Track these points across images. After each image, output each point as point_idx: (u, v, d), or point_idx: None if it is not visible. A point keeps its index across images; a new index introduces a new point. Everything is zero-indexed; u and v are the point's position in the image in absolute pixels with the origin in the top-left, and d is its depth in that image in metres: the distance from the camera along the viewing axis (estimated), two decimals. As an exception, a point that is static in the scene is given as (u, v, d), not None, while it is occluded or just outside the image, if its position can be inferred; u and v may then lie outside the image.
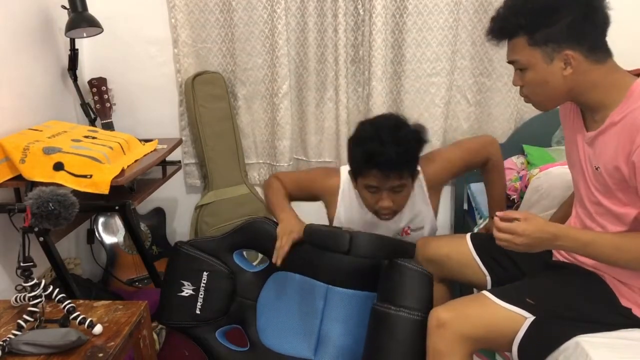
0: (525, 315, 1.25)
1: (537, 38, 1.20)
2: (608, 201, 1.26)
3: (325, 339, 1.58)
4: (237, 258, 1.72)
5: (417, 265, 1.44)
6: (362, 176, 1.56)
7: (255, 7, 2.26)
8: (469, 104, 2.37)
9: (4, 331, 1.32)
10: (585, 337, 1.21)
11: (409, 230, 1.76)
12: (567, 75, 1.20)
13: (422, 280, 1.43)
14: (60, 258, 1.65)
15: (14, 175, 1.66)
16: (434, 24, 2.23)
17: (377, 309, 1.41)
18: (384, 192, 1.55)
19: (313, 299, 1.58)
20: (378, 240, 1.48)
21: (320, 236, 1.52)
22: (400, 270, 1.44)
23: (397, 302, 1.39)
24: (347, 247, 1.42)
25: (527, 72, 1.24)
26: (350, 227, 1.66)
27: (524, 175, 2.04)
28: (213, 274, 1.68)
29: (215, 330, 1.70)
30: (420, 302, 1.39)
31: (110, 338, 1.30)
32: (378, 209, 1.59)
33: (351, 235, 1.43)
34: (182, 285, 1.69)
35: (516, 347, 1.25)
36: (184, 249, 1.73)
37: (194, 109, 2.35)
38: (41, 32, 2.04)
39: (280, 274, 1.65)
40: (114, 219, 2.30)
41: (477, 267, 1.54)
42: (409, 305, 1.37)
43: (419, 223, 1.75)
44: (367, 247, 1.45)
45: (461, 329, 1.25)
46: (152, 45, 2.36)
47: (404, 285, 1.42)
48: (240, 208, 2.43)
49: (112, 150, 1.76)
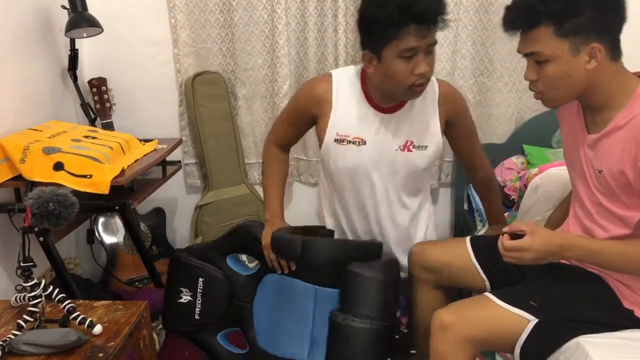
0: (529, 318, 1.25)
1: (566, 28, 1.14)
2: (611, 204, 1.25)
3: (318, 341, 1.55)
4: (230, 262, 1.72)
5: (369, 271, 1.41)
6: (396, 39, 1.37)
7: (255, 7, 2.26)
8: (469, 104, 2.36)
9: (4, 331, 1.32)
10: (586, 337, 1.21)
11: (412, 147, 1.61)
12: (590, 69, 1.16)
13: (373, 286, 1.41)
14: (60, 258, 1.65)
15: (14, 175, 1.66)
16: (434, 24, 2.23)
17: (331, 319, 1.43)
18: (420, 54, 1.39)
19: (304, 300, 1.57)
20: (334, 244, 1.46)
21: (277, 244, 1.53)
22: (352, 278, 1.43)
23: (347, 311, 1.40)
24: (299, 253, 1.42)
25: (548, 65, 1.19)
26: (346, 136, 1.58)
27: (523, 175, 2.04)
28: (208, 279, 1.70)
29: (217, 334, 1.72)
30: (370, 309, 1.39)
31: (110, 338, 1.30)
32: (415, 79, 1.43)
33: (303, 241, 1.42)
34: (181, 292, 1.72)
35: (519, 349, 1.25)
36: (180, 256, 1.75)
37: (194, 109, 2.35)
38: (41, 32, 2.04)
39: (271, 276, 1.64)
40: (114, 219, 2.30)
41: (476, 272, 1.53)
42: (359, 313, 1.37)
43: (424, 139, 1.61)
44: (320, 252, 1.44)
45: (464, 331, 1.25)
46: (152, 46, 2.36)
47: (355, 293, 1.41)
48: (240, 208, 2.43)
49: (112, 150, 1.76)
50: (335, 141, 1.61)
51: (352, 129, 1.59)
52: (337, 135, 1.60)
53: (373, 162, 1.62)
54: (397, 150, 1.60)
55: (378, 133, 1.59)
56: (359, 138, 1.59)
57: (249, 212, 2.40)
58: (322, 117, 1.62)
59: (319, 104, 1.61)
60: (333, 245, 1.51)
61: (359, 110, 1.59)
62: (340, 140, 1.61)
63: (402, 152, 1.60)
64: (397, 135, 1.60)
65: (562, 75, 1.19)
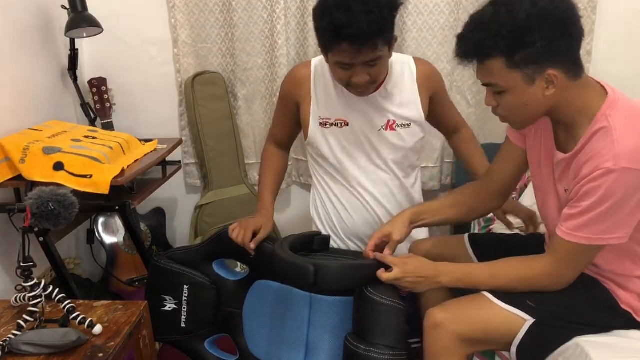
0: (525, 318, 1.24)
1: (516, 60, 1.11)
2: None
3: (314, 347, 1.53)
4: (217, 267, 1.68)
5: (387, 298, 1.35)
6: (331, 52, 1.38)
7: (255, 7, 2.26)
8: (468, 104, 2.36)
9: (4, 331, 1.32)
10: (586, 338, 1.21)
11: (394, 126, 1.60)
12: (549, 95, 1.15)
13: (392, 314, 1.35)
14: (60, 258, 1.65)
15: (14, 175, 1.66)
16: (434, 24, 2.23)
17: (348, 346, 1.35)
18: (357, 67, 1.39)
19: (297, 307, 1.53)
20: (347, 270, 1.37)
21: (284, 269, 1.41)
22: (371, 305, 1.35)
23: (367, 339, 1.33)
24: (312, 281, 1.31)
25: (505, 95, 1.17)
26: (328, 119, 1.58)
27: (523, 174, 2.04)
28: (194, 286, 1.66)
29: (204, 341, 1.68)
30: (390, 339, 1.32)
31: (110, 338, 1.30)
32: (352, 84, 1.44)
33: (316, 268, 1.31)
34: (164, 300, 1.67)
35: (515, 349, 1.25)
36: (161, 263, 1.69)
37: (194, 109, 2.35)
38: (41, 32, 2.04)
39: (261, 282, 1.61)
40: (114, 219, 2.30)
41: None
42: (378, 343, 1.31)
43: (406, 115, 1.60)
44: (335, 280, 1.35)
45: (457, 330, 1.24)
46: (152, 45, 2.36)
47: (374, 321, 1.35)
48: (240, 208, 2.43)
49: (112, 150, 1.76)
50: (320, 125, 1.61)
51: (333, 111, 1.60)
52: (320, 119, 1.61)
53: (359, 143, 1.62)
54: (380, 130, 1.61)
55: (359, 114, 1.59)
56: (341, 120, 1.60)
57: (249, 212, 2.39)
58: (304, 102, 1.62)
59: (300, 89, 1.61)
60: (347, 270, 1.39)
61: (338, 92, 1.58)
62: (323, 123, 1.61)
63: (385, 131, 1.61)
64: (379, 115, 1.59)
65: (520, 105, 1.18)
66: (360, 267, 1.39)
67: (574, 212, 1.17)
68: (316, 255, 1.57)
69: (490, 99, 1.22)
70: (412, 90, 1.60)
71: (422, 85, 1.61)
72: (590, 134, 1.16)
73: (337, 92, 1.59)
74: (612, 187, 1.10)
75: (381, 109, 1.59)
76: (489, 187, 1.49)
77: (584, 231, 1.16)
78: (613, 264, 1.27)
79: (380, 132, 1.61)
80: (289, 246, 1.46)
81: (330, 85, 1.59)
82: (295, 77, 1.63)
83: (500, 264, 1.30)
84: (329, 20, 1.32)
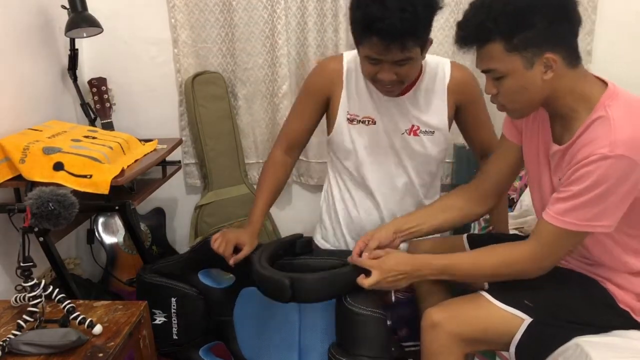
0: (523, 317, 1.25)
1: (515, 43, 1.13)
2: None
3: (308, 350, 1.52)
4: (202, 277, 1.67)
5: (366, 308, 1.34)
6: (362, 45, 1.39)
7: (255, 7, 2.26)
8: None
9: (4, 331, 1.32)
10: (585, 338, 1.21)
11: (418, 131, 1.59)
12: (547, 79, 1.16)
13: (372, 324, 1.34)
14: (60, 258, 1.65)
15: (14, 175, 1.66)
16: (434, 24, 2.22)
17: (331, 359, 1.36)
18: (385, 64, 1.39)
19: (287, 311, 1.52)
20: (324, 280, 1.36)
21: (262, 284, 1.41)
22: (350, 317, 1.35)
23: (349, 351, 1.33)
24: (289, 295, 1.32)
25: (505, 80, 1.18)
26: (357, 115, 1.57)
27: (523, 174, 2.04)
28: (181, 298, 1.66)
29: (199, 349, 1.69)
30: (372, 350, 1.33)
31: (110, 338, 1.30)
32: (378, 81, 1.44)
33: (292, 282, 1.32)
34: (154, 314, 1.67)
35: (514, 348, 1.25)
36: (147, 278, 1.70)
37: (193, 109, 2.35)
38: (41, 32, 2.04)
39: (249, 289, 1.59)
40: (114, 219, 2.30)
41: None
42: (361, 354, 1.31)
43: (431, 122, 1.58)
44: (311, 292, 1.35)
45: (455, 329, 1.24)
46: (152, 45, 2.36)
47: (355, 332, 1.35)
48: (240, 208, 2.43)
49: (112, 150, 1.76)
50: (347, 120, 1.61)
51: (361, 108, 1.59)
52: (349, 114, 1.60)
53: (384, 143, 1.61)
54: (403, 133, 1.60)
55: (386, 114, 1.58)
56: (369, 117, 1.59)
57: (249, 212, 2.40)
58: (334, 97, 1.61)
59: (332, 82, 1.60)
60: (323, 281, 1.37)
61: (368, 90, 1.58)
62: (351, 119, 1.61)
63: (409, 135, 1.59)
64: (404, 118, 1.58)
65: (519, 89, 1.18)
66: (338, 276, 1.37)
67: (562, 196, 1.16)
68: (299, 258, 1.56)
69: (490, 86, 1.23)
70: (441, 97, 1.58)
71: (452, 92, 1.58)
72: (588, 123, 1.15)
73: (368, 90, 1.58)
74: (605, 173, 1.09)
75: (407, 112, 1.58)
76: (482, 187, 1.47)
77: (571, 216, 1.15)
78: (610, 262, 1.27)
79: (403, 135, 1.60)
80: (270, 254, 1.45)
81: (362, 83, 1.58)
82: (327, 70, 1.62)
83: (482, 251, 1.29)
84: (362, 12, 1.33)
